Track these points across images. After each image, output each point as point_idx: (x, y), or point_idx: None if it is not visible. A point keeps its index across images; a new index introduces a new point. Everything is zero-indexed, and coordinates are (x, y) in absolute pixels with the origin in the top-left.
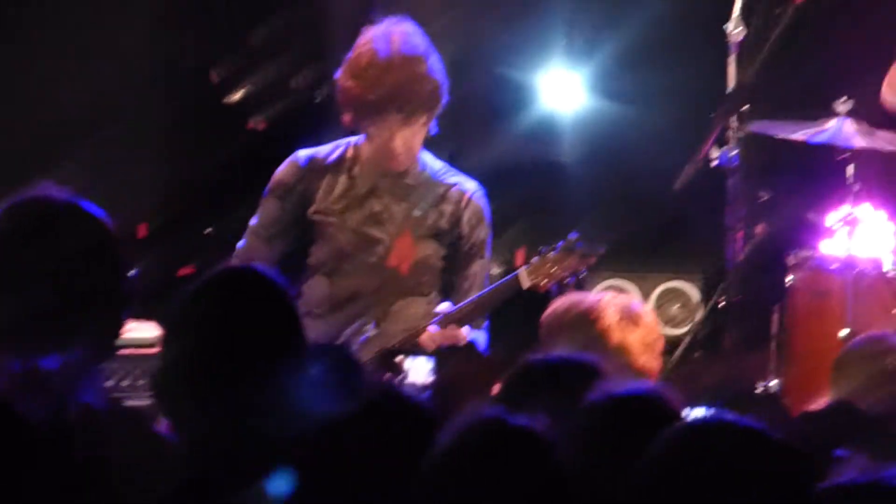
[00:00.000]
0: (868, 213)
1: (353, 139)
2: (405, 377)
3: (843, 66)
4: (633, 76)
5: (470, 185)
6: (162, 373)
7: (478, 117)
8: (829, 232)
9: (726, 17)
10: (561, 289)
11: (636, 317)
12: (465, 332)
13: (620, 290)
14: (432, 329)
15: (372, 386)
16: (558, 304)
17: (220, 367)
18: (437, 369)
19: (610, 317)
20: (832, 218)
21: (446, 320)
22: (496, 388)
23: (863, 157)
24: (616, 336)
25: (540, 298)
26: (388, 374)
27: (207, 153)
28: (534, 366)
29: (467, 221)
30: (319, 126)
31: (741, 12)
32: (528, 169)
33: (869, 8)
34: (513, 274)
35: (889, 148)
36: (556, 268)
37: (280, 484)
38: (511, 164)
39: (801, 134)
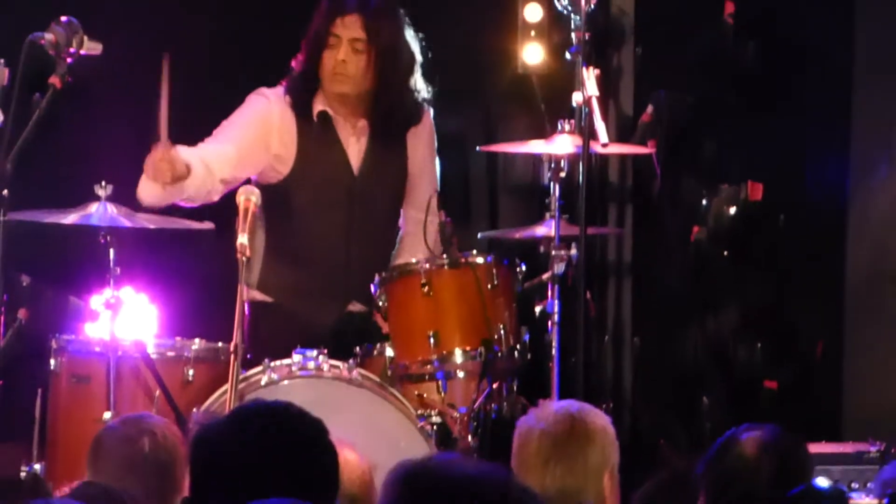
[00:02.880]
0: (130, 296)
1: None
2: None
3: (105, 152)
4: None
5: None
6: None
7: None
8: (94, 315)
9: None
10: None
11: None
12: None
13: None
14: None
15: None
16: None
17: None
18: None
19: None
20: (96, 301)
21: None
22: None
23: (124, 241)
24: None
25: None
26: None
27: None
28: None
29: None
30: None
31: None
32: None
33: (126, 92)
34: None
35: (149, 226)
36: None
37: None
38: None
39: (62, 218)
